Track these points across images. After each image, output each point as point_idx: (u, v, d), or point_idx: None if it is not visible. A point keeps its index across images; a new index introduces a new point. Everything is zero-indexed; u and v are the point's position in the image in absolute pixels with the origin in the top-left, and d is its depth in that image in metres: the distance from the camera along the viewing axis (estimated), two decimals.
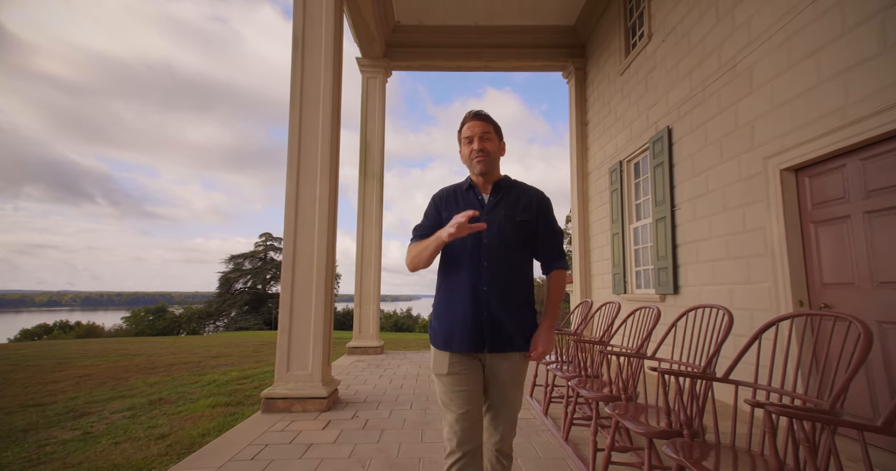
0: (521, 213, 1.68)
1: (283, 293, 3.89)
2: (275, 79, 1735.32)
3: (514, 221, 1.66)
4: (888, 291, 2.68)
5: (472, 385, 1.59)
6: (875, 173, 2.77)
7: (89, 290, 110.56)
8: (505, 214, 1.66)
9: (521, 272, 1.66)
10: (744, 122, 3.83)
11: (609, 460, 2.18)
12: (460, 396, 1.56)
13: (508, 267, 1.62)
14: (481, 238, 1.63)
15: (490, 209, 1.69)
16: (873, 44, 2.66)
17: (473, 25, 7.97)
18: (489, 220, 1.65)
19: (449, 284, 1.66)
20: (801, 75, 3.22)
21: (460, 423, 1.54)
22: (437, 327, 1.67)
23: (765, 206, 3.57)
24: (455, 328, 1.60)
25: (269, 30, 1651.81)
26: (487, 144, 1.69)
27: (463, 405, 1.55)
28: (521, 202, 1.71)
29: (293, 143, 3.88)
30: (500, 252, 1.62)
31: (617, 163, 6.59)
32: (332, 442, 3.04)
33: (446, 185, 1.87)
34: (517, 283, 1.64)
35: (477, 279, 1.60)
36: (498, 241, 1.63)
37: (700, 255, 4.49)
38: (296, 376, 3.82)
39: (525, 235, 1.68)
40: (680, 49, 4.92)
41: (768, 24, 3.55)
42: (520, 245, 1.66)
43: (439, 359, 1.63)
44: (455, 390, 1.57)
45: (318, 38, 4.02)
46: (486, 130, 1.69)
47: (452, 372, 1.59)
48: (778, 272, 3.41)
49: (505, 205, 1.69)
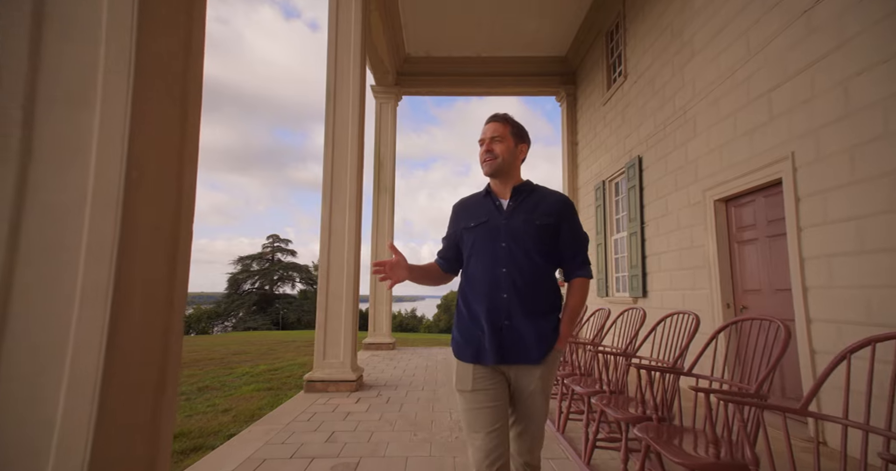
0: (542, 217, 1.61)
1: (319, 297, 4.86)
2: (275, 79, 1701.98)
3: (534, 225, 1.60)
4: (781, 295, 3.61)
5: (500, 401, 1.53)
6: (772, 208, 3.71)
7: None
8: (525, 218, 1.61)
9: (543, 279, 1.60)
10: (691, 159, 4.76)
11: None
12: (487, 413, 1.50)
13: (530, 273, 1.57)
14: (499, 243, 1.59)
15: (510, 214, 1.63)
16: (764, 114, 3.60)
17: (476, 56, 8.93)
18: (508, 225, 1.61)
19: (469, 291, 1.63)
20: (725, 129, 4.15)
21: (489, 443, 1.47)
22: (458, 338, 1.62)
23: (704, 228, 4.50)
24: (477, 339, 1.56)
25: (269, 31, 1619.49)
26: (496, 145, 1.64)
27: (490, 422, 1.49)
28: (542, 206, 1.64)
29: (326, 179, 4.86)
30: (520, 258, 1.57)
31: (601, 182, 7.52)
32: (365, 411, 3.98)
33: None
34: (540, 290, 1.59)
35: (497, 286, 1.56)
36: (517, 246, 1.58)
37: (662, 265, 5.42)
38: (330, 363, 4.78)
39: (547, 241, 1.61)
40: (647, 92, 5.86)
41: (706, 83, 4.48)
42: (541, 251, 1.60)
43: (463, 373, 1.57)
44: (480, 407, 1.51)
45: (346, 91, 4.99)
46: (496, 132, 1.65)
47: (477, 388, 1.53)
48: (712, 281, 4.34)
49: (524, 209, 1.64)
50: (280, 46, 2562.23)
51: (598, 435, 2.67)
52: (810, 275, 3.15)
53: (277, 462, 2.78)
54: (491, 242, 1.61)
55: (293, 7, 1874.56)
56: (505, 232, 1.60)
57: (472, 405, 1.52)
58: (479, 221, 1.65)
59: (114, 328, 1.32)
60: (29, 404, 1.23)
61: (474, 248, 1.63)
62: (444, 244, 1.79)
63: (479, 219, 1.66)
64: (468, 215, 1.70)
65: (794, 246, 3.28)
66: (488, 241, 1.61)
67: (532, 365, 1.54)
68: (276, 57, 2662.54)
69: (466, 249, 1.68)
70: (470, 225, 1.67)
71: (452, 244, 1.75)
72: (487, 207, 1.68)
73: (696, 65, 4.72)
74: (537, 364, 1.54)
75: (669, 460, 1.75)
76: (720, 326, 2.21)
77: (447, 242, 1.77)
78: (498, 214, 1.65)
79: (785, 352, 1.76)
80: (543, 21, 7.87)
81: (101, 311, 1.31)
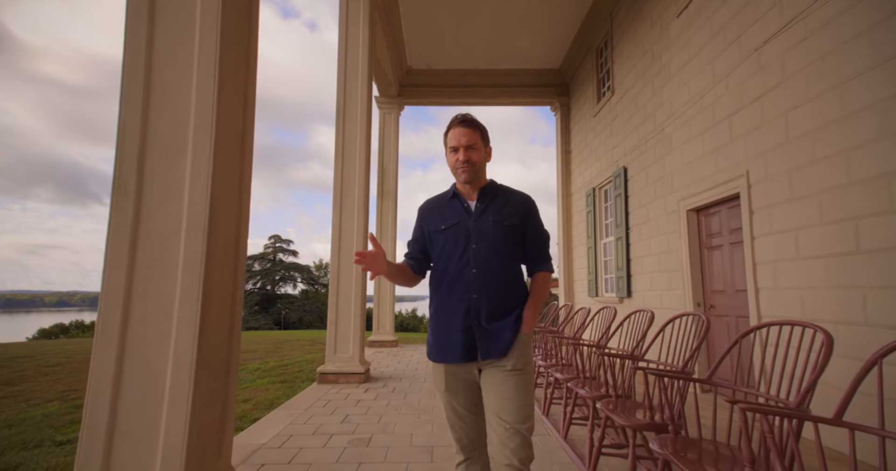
0: (509, 217, 1.67)
1: (330, 297, 5.35)
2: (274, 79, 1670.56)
3: (503, 225, 1.64)
4: (740, 295, 4.09)
5: (471, 400, 1.62)
6: (733, 218, 4.20)
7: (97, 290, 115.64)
8: (493, 220, 1.65)
9: (511, 277, 1.65)
10: (668, 172, 5.25)
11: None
12: (459, 413, 1.62)
13: (499, 272, 1.62)
14: (470, 245, 1.63)
15: (478, 216, 1.67)
16: (726, 136, 4.09)
17: (474, 69, 9.42)
18: (477, 226, 1.65)
19: (440, 293, 1.67)
20: (695, 147, 4.64)
21: (462, 441, 1.63)
22: (431, 340, 1.67)
23: (678, 234, 4.99)
24: (447, 339, 1.60)
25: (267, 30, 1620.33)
26: (473, 154, 1.66)
27: (463, 425, 1.62)
28: (509, 207, 1.69)
29: (337, 188, 5.36)
30: (489, 258, 1.61)
31: (591, 189, 8.01)
32: (373, 399, 4.47)
33: (447, 185, 1.87)
34: (508, 288, 1.63)
35: (466, 287, 1.60)
36: (488, 246, 1.62)
37: (644, 267, 5.91)
38: (341, 357, 5.26)
39: (514, 240, 1.67)
40: (632, 107, 6.35)
41: (681, 104, 4.97)
42: (509, 250, 1.65)
43: (437, 373, 1.64)
44: (455, 408, 1.61)
45: (355, 109, 5.49)
46: (471, 141, 1.66)
47: (450, 389, 1.61)
48: (685, 282, 4.82)
49: (493, 210, 1.68)
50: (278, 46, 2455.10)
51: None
52: (761, 277, 3.64)
53: (303, 437, 3.26)
54: (461, 244, 1.64)
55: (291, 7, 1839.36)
56: (475, 233, 1.64)
57: (448, 403, 1.63)
58: (448, 224, 1.69)
59: (202, 321, 1.84)
60: (148, 375, 1.74)
61: (444, 249, 1.66)
62: (411, 247, 1.82)
63: (449, 221, 1.69)
64: (437, 218, 1.73)
65: (748, 252, 3.77)
66: (458, 243, 1.64)
67: (502, 360, 1.57)
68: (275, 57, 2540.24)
69: (436, 250, 1.71)
70: (440, 228, 1.69)
71: (421, 246, 1.77)
72: (456, 209, 1.71)
73: (672, 87, 5.20)
74: (506, 355, 1.57)
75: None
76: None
77: (416, 245, 1.78)
78: (467, 216, 1.68)
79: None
80: (538, 37, 8.36)
81: (194, 307, 1.82)
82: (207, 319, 1.87)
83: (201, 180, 1.87)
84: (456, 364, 1.60)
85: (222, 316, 2.01)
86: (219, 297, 1.97)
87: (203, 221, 1.86)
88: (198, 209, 1.85)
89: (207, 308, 1.88)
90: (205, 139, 1.87)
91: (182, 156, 1.86)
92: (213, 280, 1.91)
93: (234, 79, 2.04)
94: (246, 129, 2.14)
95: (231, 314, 2.09)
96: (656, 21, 5.60)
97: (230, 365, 2.09)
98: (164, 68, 1.86)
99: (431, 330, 1.68)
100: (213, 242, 1.90)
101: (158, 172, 1.84)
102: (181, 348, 1.79)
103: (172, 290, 1.81)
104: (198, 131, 1.87)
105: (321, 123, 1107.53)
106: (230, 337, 2.09)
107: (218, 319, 1.97)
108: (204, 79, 1.88)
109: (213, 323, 1.92)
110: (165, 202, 1.84)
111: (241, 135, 2.10)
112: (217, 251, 1.94)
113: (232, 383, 2.10)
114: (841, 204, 2.92)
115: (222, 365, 2.02)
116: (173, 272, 1.82)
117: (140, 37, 1.85)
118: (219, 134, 1.90)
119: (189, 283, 1.82)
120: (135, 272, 1.79)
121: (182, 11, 1.89)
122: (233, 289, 2.10)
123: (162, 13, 1.87)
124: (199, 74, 1.88)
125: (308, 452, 2.98)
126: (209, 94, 1.89)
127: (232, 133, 2.03)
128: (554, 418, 3.72)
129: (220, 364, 2.00)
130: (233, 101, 2.01)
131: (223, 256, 2.00)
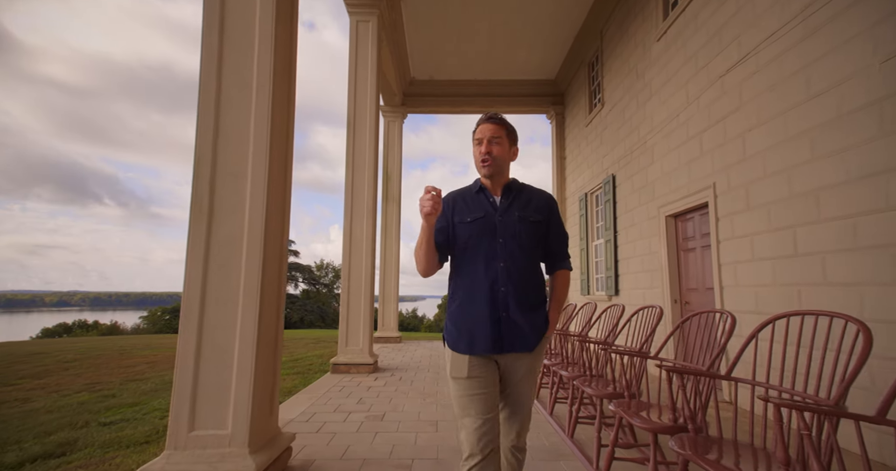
0: (534, 214, 1.71)
1: (342, 294, 5.86)
2: None
3: (528, 221, 1.69)
4: (709, 292, 4.60)
5: (491, 388, 1.61)
6: (704, 224, 4.71)
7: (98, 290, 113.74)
8: (519, 215, 1.69)
9: (535, 273, 1.70)
10: (651, 180, 5.76)
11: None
12: (480, 399, 1.57)
13: (524, 267, 1.65)
14: (496, 239, 1.66)
15: (503, 211, 1.70)
16: (697, 150, 4.60)
17: (473, 79, 9.94)
18: (503, 221, 1.68)
19: (466, 284, 1.67)
20: (672, 159, 5.15)
21: (482, 427, 1.53)
22: (453, 330, 1.66)
23: (658, 238, 5.50)
24: (475, 329, 1.61)
25: None
26: (495, 147, 1.70)
27: (483, 410, 1.56)
28: (533, 204, 1.74)
29: (347, 195, 5.87)
30: (515, 252, 1.65)
31: (584, 193, 8.52)
32: (383, 386, 4.98)
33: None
34: (532, 283, 1.67)
35: (495, 279, 1.62)
36: (513, 241, 1.65)
37: (630, 268, 6.42)
38: (351, 349, 5.78)
39: (537, 236, 1.71)
40: (619, 119, 6.86)
41: (661, 120, 5.48)
42: (533, 246, 1.69)
43: (457, 362, 1.63)
44: (473, 393, 1.58)
45: (364, 122, 6.01)
46: (496, 134, 1.70)
47: (472, 375, 1.60)
48: (664, 281, 5.33)
49: (518, 206, 1.72)
50: None
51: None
52: (724, 277, 4.15)
53: (325, 414, 3.78)
54: (488, 238, 1.66)
55: None
56: (501, 228, 1.66)
57: (465, 392, 1.58)
58: (475, 216, 1.69)
59: (260, 311, 2.34)
60: (220, 352, 2.25)
61: (470, 241, 1.67)
62: (435, 236, 1.75)
63: (475, 214, 1.70)
64: (463, 209, 1.73)
65: (714, 255, 4.28)
66: (485, 236, 1.66)
67: (524, 353, 1.63)
68: None
69: (460, 241, 1.70)
70: (466, 219, 1.70)
71: (445, 236, 1.73)
72: (482, 203, 1.73)
73: (653, 104, 5.71)
74: (529, 352, 1.63)
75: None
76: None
77: (439, 235, 1.72)
78: (493, 210, 1.71)
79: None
80: (534, 50, 8.88)
81: (255, 298, 2.34)
82: (263, 307, 2.39)
83: (259, 199, 2.38)
84: (479, 355, 1.62)
85: (272, 305, 2.52)
86: (269, 290, 2.49)
87: (260, 230, 2.37)
88: (256, 221, 2.37)
89: (263, 299, 2.39)
90: (261, 166, 2.39)
91: (243, 179, 2.37)
92: (266, 278, 2.42)
93: (281, 119, 2.56)
94: (287, 157, 2.66)
95: (277, 304, 2.60)
96: (640, 42, 6.11)
97: (277, 344, 2.61)
98: (230, 112, 2.38)
99: (455, 321, 1.66)
100: (267, 248, 2.42)
101: (226, 193, 2.36)
102: (245, 330, 2.31)
103: (237, 285, 2.33)
104: (255, 159, 2.38)
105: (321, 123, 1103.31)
106: (277, 322, 2.61)
107: (269, 307, 2.48)
108: (260, 121, 2.40)
109: (266, 311, 2.44)
110: (231, 216, 2.36)
111: (284, 162, 2.62)
112: (269, 255, 2.46)
113: (278, 359, 2.62)
114: (783, 214, 3.44)
115: (272, 343, 2.53)
116: (238, 271, 2.34)
117: (210, 93, 2.37)
118: (271, 161, 2.42)
119: (250, 279, 2.34)
120: (208, 271, 2.31)
121: (244, 69, 2.41)
122: (279, 284, 2.62)
123: (228, 71, 2.39)
124: (256, 117, 2.40)
125: (331, 425, 3.49)
126: (264, 132, 2.41)
127: (280, 161, 2.55)
128: (558, 415, 3.72)
129: (271, 342, 2.52)
130: (280, 136, 2.54)
131: (273, 258, 2.52)
